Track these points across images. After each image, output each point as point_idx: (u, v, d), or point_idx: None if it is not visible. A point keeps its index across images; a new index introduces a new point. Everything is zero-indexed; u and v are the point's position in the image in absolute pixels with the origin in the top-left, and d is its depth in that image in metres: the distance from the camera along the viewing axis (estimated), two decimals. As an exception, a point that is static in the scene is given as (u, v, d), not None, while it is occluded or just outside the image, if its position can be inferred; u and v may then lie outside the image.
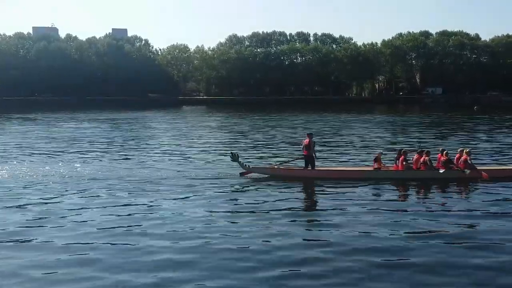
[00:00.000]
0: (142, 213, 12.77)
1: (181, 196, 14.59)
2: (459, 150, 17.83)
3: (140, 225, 11.71)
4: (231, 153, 18.22)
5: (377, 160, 17.50)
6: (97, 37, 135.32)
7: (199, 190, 15.44)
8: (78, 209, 13.27)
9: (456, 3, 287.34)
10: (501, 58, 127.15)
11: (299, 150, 18.28)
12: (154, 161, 22.19)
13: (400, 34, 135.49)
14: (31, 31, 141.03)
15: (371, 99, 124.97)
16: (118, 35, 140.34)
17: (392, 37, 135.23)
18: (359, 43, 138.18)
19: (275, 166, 18.02)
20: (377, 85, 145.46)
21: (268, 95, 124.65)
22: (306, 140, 17.53)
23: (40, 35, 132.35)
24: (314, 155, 17.44)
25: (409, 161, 17.25)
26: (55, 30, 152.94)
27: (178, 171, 18.93)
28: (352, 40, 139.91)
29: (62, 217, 12.53)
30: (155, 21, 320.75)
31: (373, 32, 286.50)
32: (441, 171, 16.58)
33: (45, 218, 12.45)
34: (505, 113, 60.64)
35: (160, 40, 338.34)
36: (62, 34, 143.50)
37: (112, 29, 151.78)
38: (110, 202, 13.91)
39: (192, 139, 33.67)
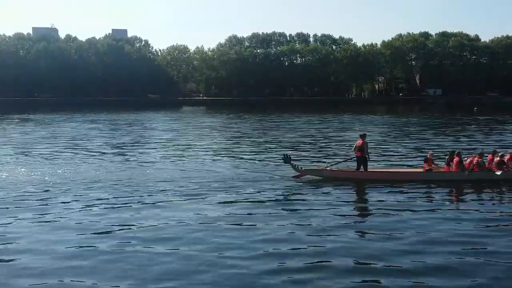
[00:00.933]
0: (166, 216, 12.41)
1: (231, 199, 14.23)
2: (509, 151, 17.80)
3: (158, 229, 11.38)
4: (284, 155, 17.79)
5: (427, 160, 17.32)
6: (97, 37, 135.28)
7: (249, 192, 15.23)
8: (89, 211, 12.94)
9: (456, 4, 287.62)
10: (500, 59, 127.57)
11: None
12: (194, 163, 21.61)
13: (400, 35, 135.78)
14: (31, 32, 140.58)
15: (371, 99, 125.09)
16: (118, 35, 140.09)
17: (392, 38, 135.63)
18: (359, 44, 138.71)
19: (327, 168, 17.76)
20: (376, 86, 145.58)
21: (267, 96, 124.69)
22: (359, 141, 17.25)
23: (40, 35, 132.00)
24: (367, 156, 17.24)
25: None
26: (55, 30, 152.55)
27: (222, 173, 18.62)
28: (352, 41, 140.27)
29: (68, 220, 12.12)
30: (155, 22, 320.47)
31: (373, 33, 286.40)
32: (498, 172, 16.45)
33: (46, 220, 12.08)
34: (505, 114, 60.67)
35: (160, 41, 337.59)
36: (62, 34, 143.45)
37: (112, 29, 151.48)
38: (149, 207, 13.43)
39: (213, 140, 33.16)
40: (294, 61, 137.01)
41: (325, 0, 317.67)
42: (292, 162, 17.38)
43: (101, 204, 13.74)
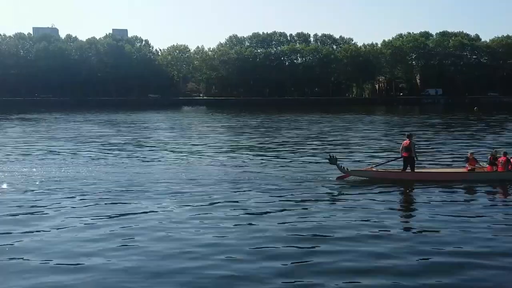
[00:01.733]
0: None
1: (276, 200, 13.79)
2: None
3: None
4: (329, 155, 17.27)
5: (468, 160, 17.15)
6: (97, 37, 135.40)
7: (292, 193, 14.81)
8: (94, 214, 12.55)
9: (456, 4, 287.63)
10: (500, 59, 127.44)
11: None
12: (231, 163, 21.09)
13: (400, 35, 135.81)
14: (31, 32, 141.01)
15: (371, 99, 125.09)
16: (119, 35, 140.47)
17: (393, 38, 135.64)
18: (359, 44, 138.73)
19: (373, 169, 17.37)
20: (377, 86, 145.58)
21: (268, 96, 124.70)
22: (406, 142, 16.84)
23: (40, 35, 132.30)
24: (415, 156, 16.81)
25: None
26: (55, 30, 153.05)
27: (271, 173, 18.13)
28: (352, 40, 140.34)
29: (74, 222, 11.78)
30: (155, 22, 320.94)
31: (373, 33, 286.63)
32: None
33: (45, 221, 11.78)
34: (505, 114, 60.62)
35: (160, 41, 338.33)
36: (63, 34, 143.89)
37: (113, 29, 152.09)
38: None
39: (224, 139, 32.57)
40: (295, 61, 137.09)
41: (326, 0, 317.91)
42: (338, 162, 16.94)
43: (103, 205, 13.46)
